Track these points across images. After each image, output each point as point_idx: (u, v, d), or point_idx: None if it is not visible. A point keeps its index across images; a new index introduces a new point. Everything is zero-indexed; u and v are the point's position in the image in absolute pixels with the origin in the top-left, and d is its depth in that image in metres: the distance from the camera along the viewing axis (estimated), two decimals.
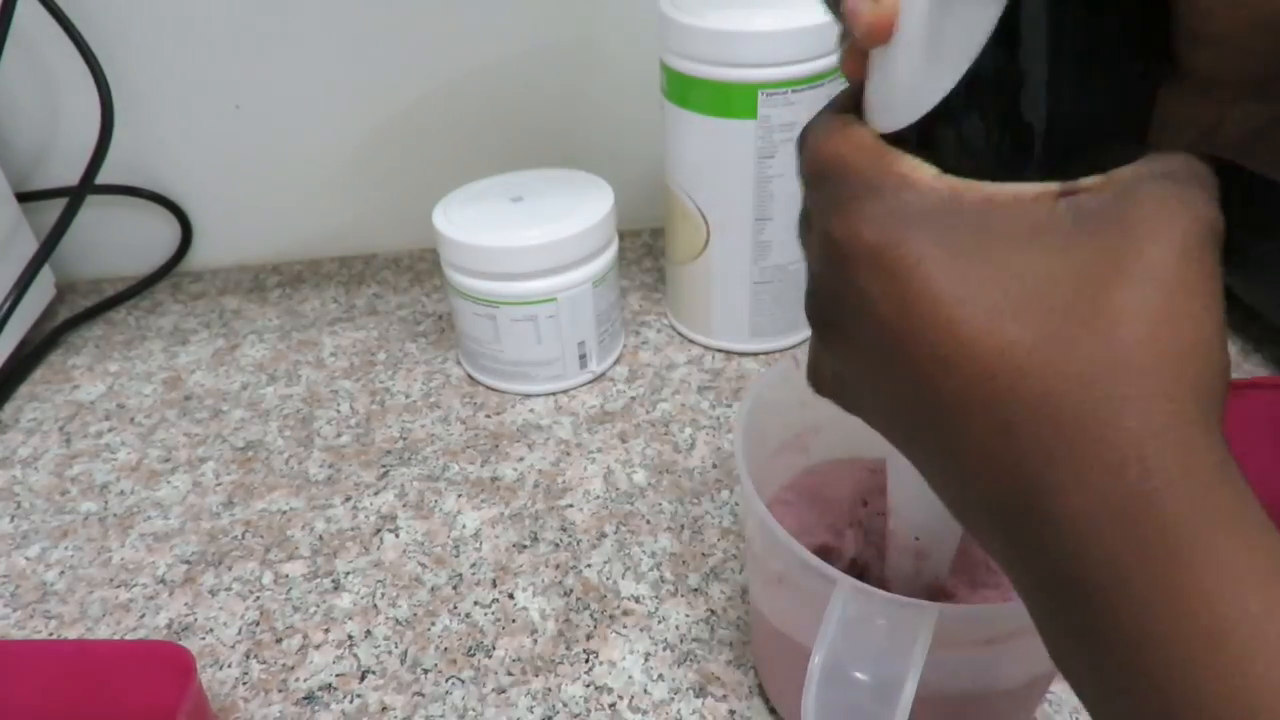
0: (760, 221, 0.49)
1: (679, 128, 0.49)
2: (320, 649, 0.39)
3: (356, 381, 0.54)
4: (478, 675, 0.37)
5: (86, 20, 0.55)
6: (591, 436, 0.49)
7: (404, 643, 0.39)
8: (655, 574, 0.41)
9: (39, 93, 0.59)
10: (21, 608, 0.41)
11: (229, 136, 0.62)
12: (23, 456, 0.50)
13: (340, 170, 0.64)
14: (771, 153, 0.47)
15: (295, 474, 0.48)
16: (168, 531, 0.45)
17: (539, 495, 0.45)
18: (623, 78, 0.61)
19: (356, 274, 0.65)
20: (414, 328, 0.59)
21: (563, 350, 0.51)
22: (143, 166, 0.62)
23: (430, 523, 0.44)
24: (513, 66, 0.61)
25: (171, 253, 0.65)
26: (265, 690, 0.37)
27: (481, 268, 0.48)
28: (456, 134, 0.63)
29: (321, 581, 0.41)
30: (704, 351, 0.55)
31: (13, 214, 0.57)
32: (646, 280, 0.62)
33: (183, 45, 0.58)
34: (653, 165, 0.58)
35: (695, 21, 0.45)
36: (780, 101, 0.45)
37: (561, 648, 0.38)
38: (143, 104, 0.60)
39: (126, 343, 0.59)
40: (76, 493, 0.47)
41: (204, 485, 0.47)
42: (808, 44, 0.45)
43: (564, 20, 0.59)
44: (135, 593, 0.42)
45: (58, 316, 0.61)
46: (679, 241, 0.53)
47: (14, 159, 0.60)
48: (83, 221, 0.59)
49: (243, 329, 0.60)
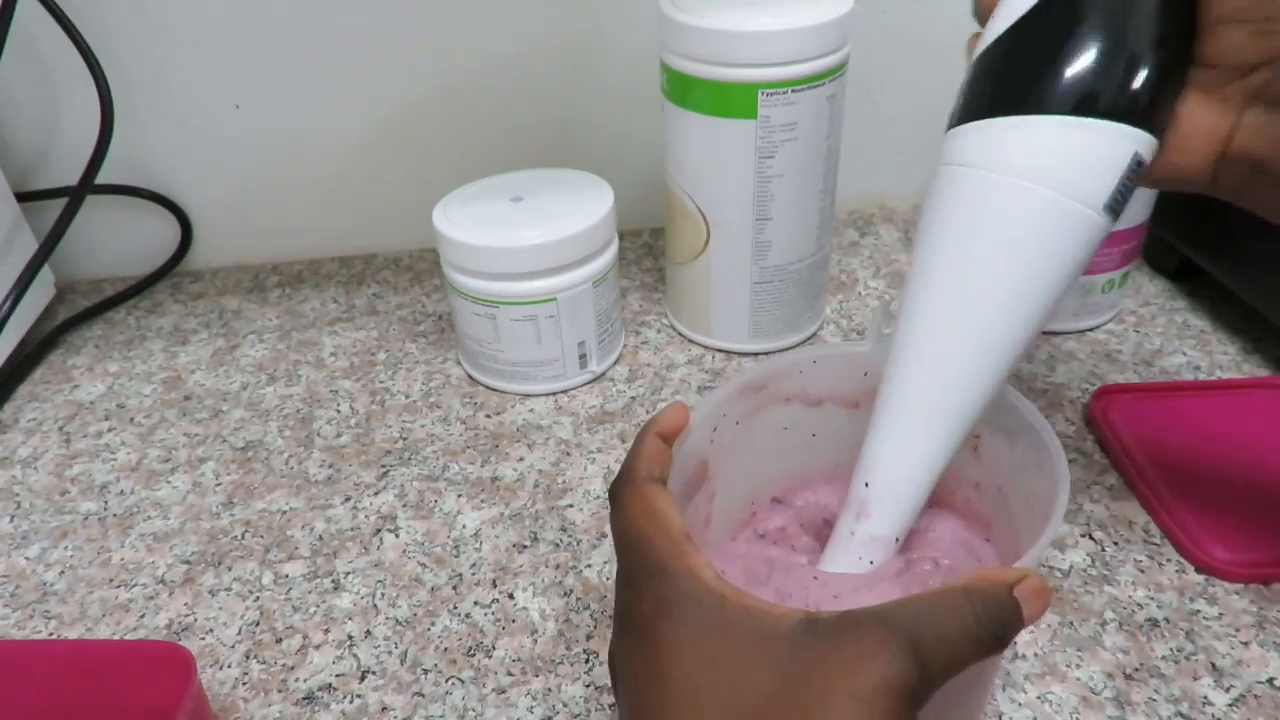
0: (760, 221, 0.49)
1: (679, 128, 0.49)
2: (320, 649, 0.38)
3: (356, 381, 0.54)
4: (478, 675, 0.37)
5: (86, 20, 0.55)
6: (591, 436, 0.49)
7: (404, 643, 0.39)
8: None
9: (39, 93, 0.59)
10: (21, 608, 0.41)
11: (229, 136, 0.62)
12: (23, 456, 0.50)
13: (340, 170, 0.64)
14: (771, 153, 0.47)
15: (295, 474, 0.48)
16: (168, 531, 0.45)
17: (539, 495, 0.45)
18: (623, 77, 0.61)
19: (356, 274, 0.65)
20: (414, 328, 0.59)
21: (563, 350, 0.51)
22: (143, 166, 0.62)
23: (430, 523, 0.44)
24: (513, 66, 0.61)
25: (171, 253, 0.65)
26: (265, 690, 0.37)
27: (481, 268, 0.48)
28: (456, 134, 0.63)
29: (321, 581, 0.41)
30: (704, 351, 0.55)
31: (13, 214, 0.57)
32: (646, 280, 0.62)
33: (183, 45, 0.58)
34: (653, 165, 0.58)
35: (695, 21, 0.45)
36: (780, 101, 0.45)
37: (561, 648, 0.38)
38: (143, 104, 0.60)
39: (126, 343, 0.59)
40: (76, 493, 0.47)
41: (204, 485, 0.47)
42: (808, 44, 0.45)
43: (564, 20, 0.59)
44: (135, 593, 0.42)
45: (57, 316, 0.61)
46: (679, 241, 0.53)
47: (14, 159, 0.60)
48: (83, 221, 0.59)
49: (243, 329, 0.60)
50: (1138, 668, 0.36)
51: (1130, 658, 0.36)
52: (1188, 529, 0.40)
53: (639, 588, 0.24)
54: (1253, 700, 0.34)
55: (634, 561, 0.25)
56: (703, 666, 0.22)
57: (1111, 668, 0.36)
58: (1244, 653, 0.36)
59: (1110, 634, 0.37)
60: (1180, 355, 0.52)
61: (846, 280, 0.61)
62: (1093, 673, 0.36)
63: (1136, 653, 0.36)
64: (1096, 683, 0.35)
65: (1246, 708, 0.34)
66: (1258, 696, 0.34)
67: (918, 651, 0.21)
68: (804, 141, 0.47)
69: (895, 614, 0.22)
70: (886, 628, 0.22)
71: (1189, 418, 0.46)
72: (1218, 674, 0.35)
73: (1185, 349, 0.53)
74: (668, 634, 0.23)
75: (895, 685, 0.21)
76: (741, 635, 0.22)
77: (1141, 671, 0.36)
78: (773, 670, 0.22)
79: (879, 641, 0.21)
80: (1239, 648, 0.36)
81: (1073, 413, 0.48)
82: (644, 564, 0.25)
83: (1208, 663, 0.36)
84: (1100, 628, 0.37)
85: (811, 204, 0.50)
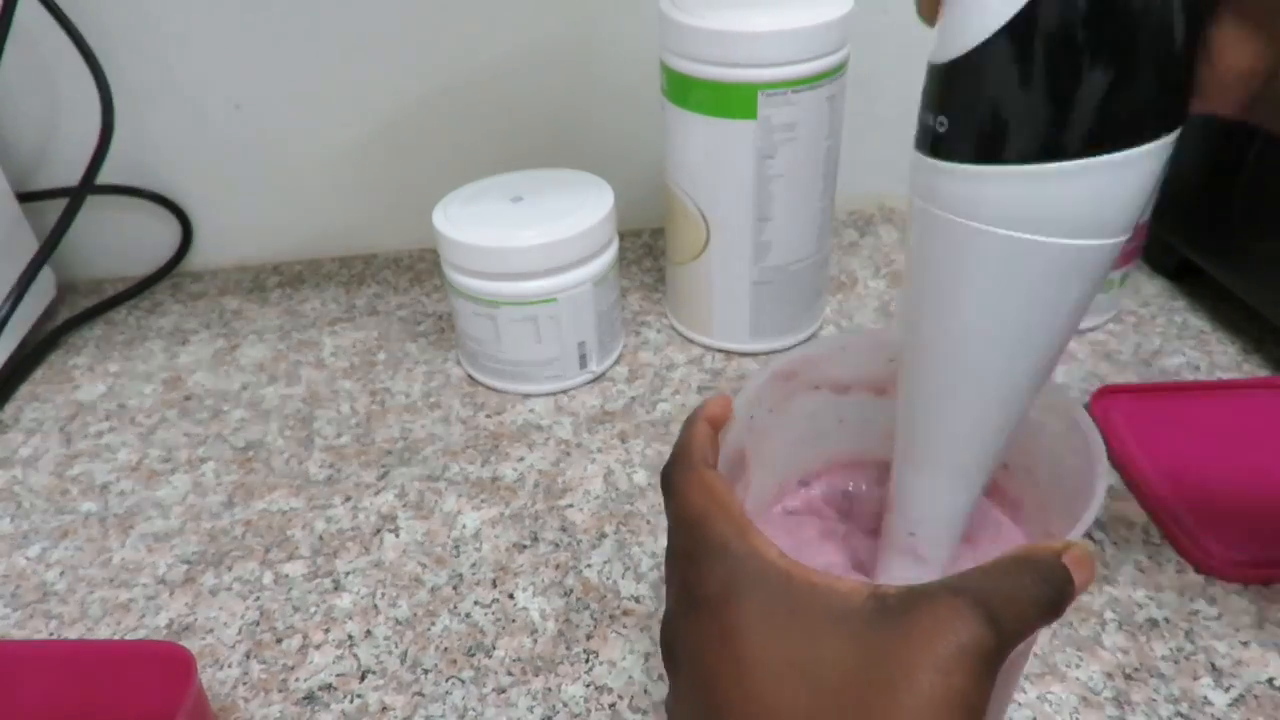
0: (760, 221, 0.49)
1: (679, 128, 0.49)
2: (320, 649, 0.39)
3: (357, 381, 0.54)
4: (478, 675, 0.37)
5: (86, 20, 0.55)
6: (591, 436, 0.49)
7: (404, 643, 0.39)
8: (655, 574, 0.41)
9: (39, 93, 0.59)
10: (21, 608, 0.41)
11: (229, 136, 0.62)
12: (23, 456, 0.50)
13: (340, 170, 0.64)
14: (771, 153, 0.47)
15: (295, 474, 0.48)
16: (168, 531, 0.45)
17: (539, 495, 0.45)
18: (623, 77, 0.61)
19: (356, 274, 0.65)
20: (414, 328, 0.59)
21: (563, 350, 0.51)
22: (143, 166, 0.62)
23: (430, 523, 0.44)
24: (513, 66, 0.61)
25: (171, 253, 0.65)
26: (265, 690, 0.37)
27: (481, 268, 0.48)
28: (456, 134, 0.63)
29: (321, 581, 0.41)
30: (704, 351, 0.55)
31: (13, 214, 0.57)
32: (646, 280, 0.62)
33: (183, 45, 0.58)
34: (653, 165, 0.58)
35: (695, 21, 0.45)
36: (780, 101, 0.45)
37: (561, 648, 0.38)
38: (143, 104, 0.60)
39: (127, 343, 0.59)
40: (77, 493, 0.47)
41: (204, 485, 0.47)
42: (808, 44, 0.45)
43: (564, 20, 0.59)
44: (135, 593, 0.42)
45: (58, 317, 0.61)
46: (679, 241, 0.53)
47: (14, 159, 0.60)
48: (83, 221, 0.59)
49: (243, 329, 0.60)
50: (1138, 668, 0.36)
51: (1130, 658, 0.36)
52: (1188, 529, 0.40)
53: (702, 568, 0.24)
54: (1252, 700, 0.34)
55: (695, 543, 0.25)
56: (779, 646, 0.22)
57: (1111, 668, 0.36)
58: (1244, 653, 0.36)
59: (1110, 634, 0.37)
60: (1180, 355, 0.52)
61: (846, 280, 0.61)
62: (1092, 673, 0.36)
63: (1136, 653, 0.36)
64: (1096, 683, 0.35)
65: (1246, 708, 0.34)
66: (1258, 696, 0.34)
67: (991, 615, 0.21)
68: (804, 141, 0.47)
69: (963, 582, 0.22)
70: (958, 596, 0.22)
71: (1189, 418, 0.46)
72: (1218, 674, 0.35)
73: (1185, 349, 0.53)
74: (739, 614, 0.23)
75: (974, 650, 0.21)
76: (812, 613, 0.23)
77: (1141, 671, 0.36)
78: (850, 647, 0.22)
79: (952, 609, 0.21)
80: (1239, 648, 0.36)
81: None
82: (707, 544, 0.25)
83: (1207, 663, 0.36)
84: (1100, 628, 0.37)
85: (811, 204, 0.50)
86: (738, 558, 0.24)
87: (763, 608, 0.23)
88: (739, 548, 0.24)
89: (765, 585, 0.23)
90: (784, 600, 0.23)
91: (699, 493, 0.26)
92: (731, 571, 0.24)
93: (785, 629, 0.23)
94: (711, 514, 0.25)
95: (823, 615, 0.22)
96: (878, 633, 0.22)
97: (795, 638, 0.22)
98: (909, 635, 0.21)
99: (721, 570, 0.24)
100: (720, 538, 0.24)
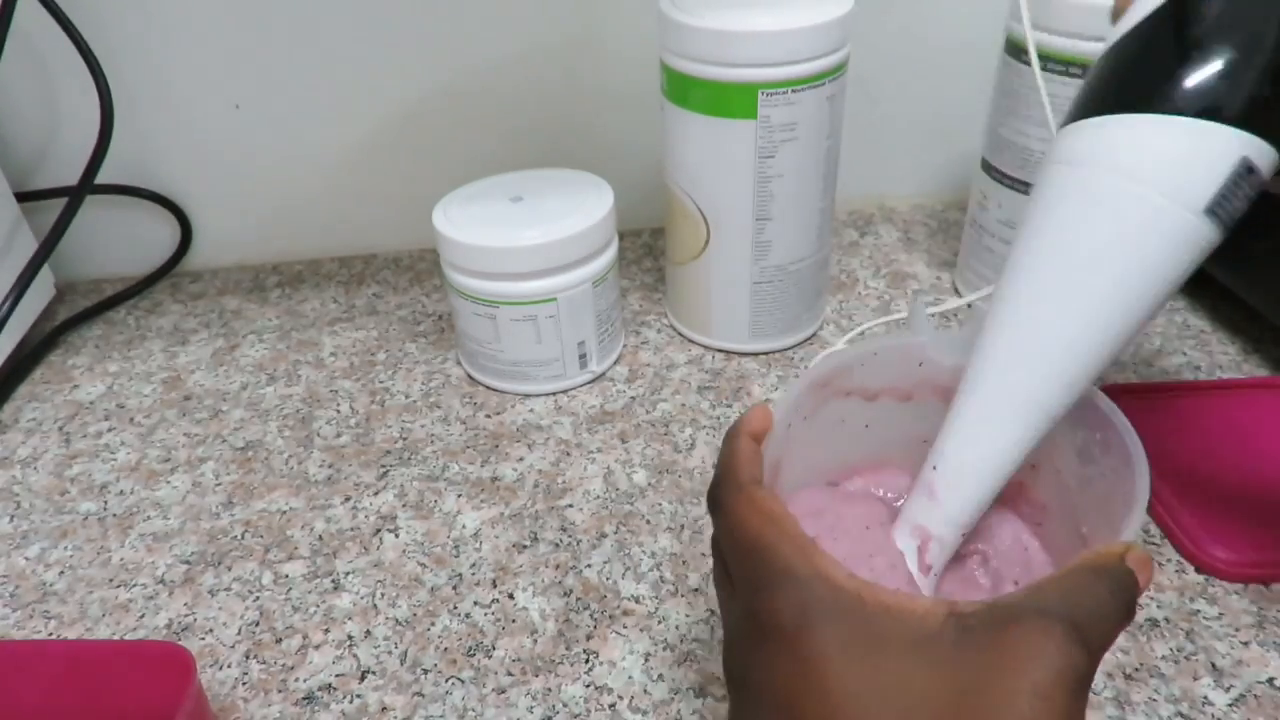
0: (760, 221, 0.49)
1: (679, 128, 0.49)
2: (320, 649, 0.38)
3: (356, 381, 0.54)
4: (478, 675, 0.37)
5: (86, 20, 0.55)
6: (591, 436, 0.49)
7: (404, 643, 0.39)
8: (655, 574, 0.41)
9: (39, 93, 0.59)
10: (21, 608, 0.41)
11: (229, 136, 0.62)
12: (23, 456, 0.50)
13: (340, 170, 0.64)
14: (771, 153, 0.47)
15: (295, 474, 0.48)
16: (167, 531, 0.45)
17: (539, 495, 0.45)
18: (623, 78, 0.61)
19: (356, 274, 0.65)
20: (414, 328, 0.59)
21: (563, 350, 0.51)
22: (143, 166, 0.62)
23: (430, 523, 0.44)
24: (513, 66, 0.61)
25: (171, 253, 0.65)
26: (265, 690, 0.37)
27: (481, 268, 0.48)
28: (456, 134, 0.63)
29: (321, 581, 0.41)
30: (704, 351, 0.55)
31: (13, 214, 0.57)
32: (646, 280, 0.62)
33: (183, 45, 0.58)
34: (653, 165, 0.58)
35: (695, 21, 0.45)
36: (780, 101, 0.45)
37: (561, 648, 0.38)
38: (143, 104, 0.60)
39: (126, 343, 0.59)
40: (76, 493, 0.47)
41: (204, 485, 0.47)
42: (808, 44, 0.45)
43: (564, 20, 0.59)
44: (135, 593, 0.42)
45: (57, 316, 0.61)
46: (679, 241, 0.53)
47: (14, 159, 0.60)
48: (82, 221, 0.59)
49: (243, 329, 0.60)
50: (1138, 668, 0.36)
51: (1130, 658, 0.36)
52: (1188, 529, 0.40)
53: (769, 596, 0.23)
54: (1253, 700, 0.34)
55: (756, 569, 0.24)
56: (863, 675, 0.22)
57: (1111, 668, 0.36)
58: (1244, 653, 0.36)
59: None
60: (1180, 355, 0.52)
61: (846, 280, 0.61)
62: None
63: (1136, 653, 0.36)
64: (1096, 683, 0.35)
65: (1246, 708, 0.34)
66: (1258, 696, 0.34)
67: (1080, 635, 0.21)
68: (804, 141, 0.47)
69: (1045, 601, 0.22)
70: (1046, 617, 0.21)
71: (1189, 418, 0.46)
72: (1218, 674, 0.35)
73: (1185, 349, 0.53)
74: (817, 644, 0.22)
75: (1071, 674, 0.21)
76: (892, 640, 0.22)
77: (1141, 671, 0.36)
78: (939, 675, 0.21)
79: (1044, 632, 0.21)
80: (1239, 648, 0.36)
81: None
82: (769, 570, 0.24)
83: (1208, 663, 0.36)
84: None
85: (811, 204, 0.50)
86: (805, 583, 0.23)
87: (840, 636, 0.22)
88: (804, 571, 0.23)
89: (839, 612, 0.22)
90: (861, 627, 0.22)
91: (753, 514, 0.25)
92: (802, 599, 0.23)
93: (867, 657, 0.22)
94: (769, 537, 0.24)
95: (904, 641, 0.22)
96: (966, 657, 0.21)
97: (879, 666, 0.22)
98: (1002, 662, 0.21)
99: (791, 598, 0.23)
100: (783, 562, 0.24)
